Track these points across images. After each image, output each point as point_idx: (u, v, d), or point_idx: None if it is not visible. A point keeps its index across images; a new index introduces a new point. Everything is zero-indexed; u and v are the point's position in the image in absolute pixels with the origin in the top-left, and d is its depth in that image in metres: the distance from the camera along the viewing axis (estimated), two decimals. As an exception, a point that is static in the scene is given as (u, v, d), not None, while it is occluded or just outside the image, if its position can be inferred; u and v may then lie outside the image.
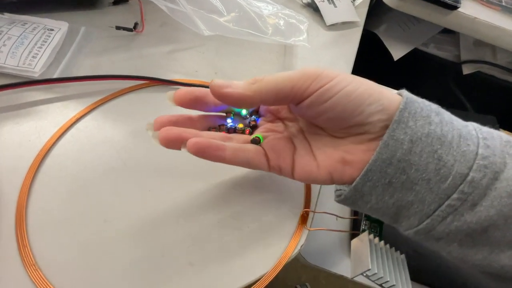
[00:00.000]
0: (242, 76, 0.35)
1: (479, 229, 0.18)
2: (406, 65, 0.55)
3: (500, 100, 0.57)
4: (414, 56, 0.55)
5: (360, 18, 0.45)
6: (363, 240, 0.25)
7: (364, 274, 0.24)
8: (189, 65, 0.34)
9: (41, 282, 0.20)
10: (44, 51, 0.29)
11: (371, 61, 0.57)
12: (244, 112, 0.24)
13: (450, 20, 0.45)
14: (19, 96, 0.28)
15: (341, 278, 0.35)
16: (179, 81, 0.31)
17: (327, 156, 0.21)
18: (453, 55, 0.57)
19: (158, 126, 0.22)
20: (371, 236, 0.25)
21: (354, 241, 0.26)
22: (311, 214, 0.26)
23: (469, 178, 0.18)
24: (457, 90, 0.54)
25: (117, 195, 0.24)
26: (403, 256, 0.26)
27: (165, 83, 0.31)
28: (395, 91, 0.22)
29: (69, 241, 0.22)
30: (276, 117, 0.25)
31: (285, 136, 0.23)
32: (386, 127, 0.19)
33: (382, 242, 0.26)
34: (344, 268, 0.36)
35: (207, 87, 0.21)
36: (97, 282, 0.20)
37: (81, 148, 0.26)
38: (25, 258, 0.20)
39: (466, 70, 0.55)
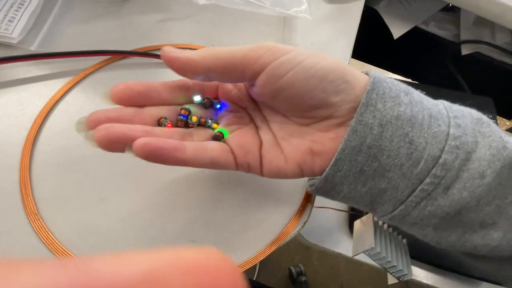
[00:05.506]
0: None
1: (453, 212, 0.18)
2: (405, 44, 0.54)
3: (497, 81, 0.57)
4: (414, 34, 0.54)
5: (361, -9, 0.43)
6: (367, 221, 0.25)
7: (367, 253, 0.24)
8: (182, 36, 0.32)
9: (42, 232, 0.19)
10: (22, 15, 0.26)
11: (370, 39, 0.55)
12: (198, 98, 0.20)
13: (454, -5, 0.44)
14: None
15: (335, 257, 0.35)
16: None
17: (294, 147, 0.19)
18: (453, 35, 0.56)
19: (93, 125, 0.17)
20: (376, 218, 0.24)
21: (358, 222, 0.26)
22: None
23: (441, 160, 0.17)
24: (455, 70, 0.53)
25: (113, 172, 0.22)
26: (405, 240, 0.26)
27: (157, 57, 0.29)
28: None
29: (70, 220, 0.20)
30: (238, 106, 0.22)
31: (251, 128, 0.21)
32: (353, 110, 0.18)
33: (386, 225, 0.26)
34: (341, 246, 0.36)
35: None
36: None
37: (72, 121, 0.24)
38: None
39: (465, 50, 0.54)
